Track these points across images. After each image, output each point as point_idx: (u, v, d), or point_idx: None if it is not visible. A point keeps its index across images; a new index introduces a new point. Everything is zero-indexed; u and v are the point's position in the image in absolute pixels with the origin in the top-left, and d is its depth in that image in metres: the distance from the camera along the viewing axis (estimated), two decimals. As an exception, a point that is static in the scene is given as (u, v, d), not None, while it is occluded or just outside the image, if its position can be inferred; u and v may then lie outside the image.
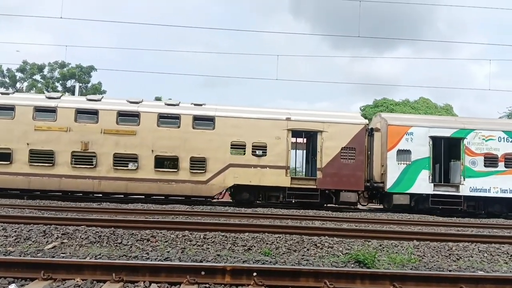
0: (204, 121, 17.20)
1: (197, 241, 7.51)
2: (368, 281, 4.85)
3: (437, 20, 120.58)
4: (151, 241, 7.42)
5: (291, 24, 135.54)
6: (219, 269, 4.86)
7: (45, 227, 7.72)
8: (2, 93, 17.82)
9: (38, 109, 16.80)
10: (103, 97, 17.91)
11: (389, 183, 17.12)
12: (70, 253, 6.15)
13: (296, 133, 17.91)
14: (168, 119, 17.17)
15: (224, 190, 17.54)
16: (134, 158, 16.72)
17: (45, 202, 14.39)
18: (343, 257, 6.77)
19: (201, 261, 5.87)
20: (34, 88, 38.84)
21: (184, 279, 4.64)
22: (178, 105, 17.54)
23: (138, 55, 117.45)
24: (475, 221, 14.18)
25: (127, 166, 16.72)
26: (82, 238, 7.31)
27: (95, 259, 5.79)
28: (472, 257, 7.58)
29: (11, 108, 16.70)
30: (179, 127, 17.00)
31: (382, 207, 18.81)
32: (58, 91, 39.40)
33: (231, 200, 18.28)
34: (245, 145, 17.11)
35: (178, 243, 7.40)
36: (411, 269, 6.19)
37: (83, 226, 7.86)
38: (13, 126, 16.53)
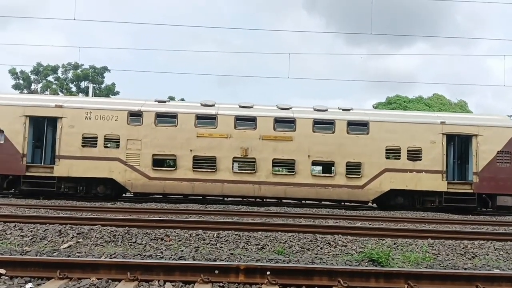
0: (358, 126, 17.34)
1: (211, 240, 7.54)
2: (383, 279, 4.82)
3: (456, 13, 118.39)
4: (165, 240, 7.46)
5: (305, 20, 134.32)
6: (233, 268, 4.86)
7: (61, 227, 7.81)
8: (159, 101, 18.00)
9: (200, 117, 17.15)
10: (253, 104, 17.97)
11: None
12: (85, 253, 6.21)
13: (450, 137, 17.67)
14: (322, 125, 17.34)
15: None
16: (291, 164, 17.01)
17: (60, 202, 14.56)
18: (357, 256, 6.73)
19: (214, 260, 5.88)
20: (49, 89, 39.28)
21: (198, 278, 4.66)
22: (327, 110, 17.72)
23: (151, 55, 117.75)
24: (491, 219, 14.05)
25: (285, 171, 17.02)
26: (97, 238, 7.38)
27: (110, 258, 5.83)
28: (487, 255, 7.49)
29: (174, 116, 17.11)
30: (333, 132, 17.17)
31: None
32: (72, 92, 39.90)
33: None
34: (400, 150, 17.17)
35: (192, 242, 7.44)
36: (425, 267, 6.13)
37: (98, 226, 7.94)
38: (177, 134, 16.93)
